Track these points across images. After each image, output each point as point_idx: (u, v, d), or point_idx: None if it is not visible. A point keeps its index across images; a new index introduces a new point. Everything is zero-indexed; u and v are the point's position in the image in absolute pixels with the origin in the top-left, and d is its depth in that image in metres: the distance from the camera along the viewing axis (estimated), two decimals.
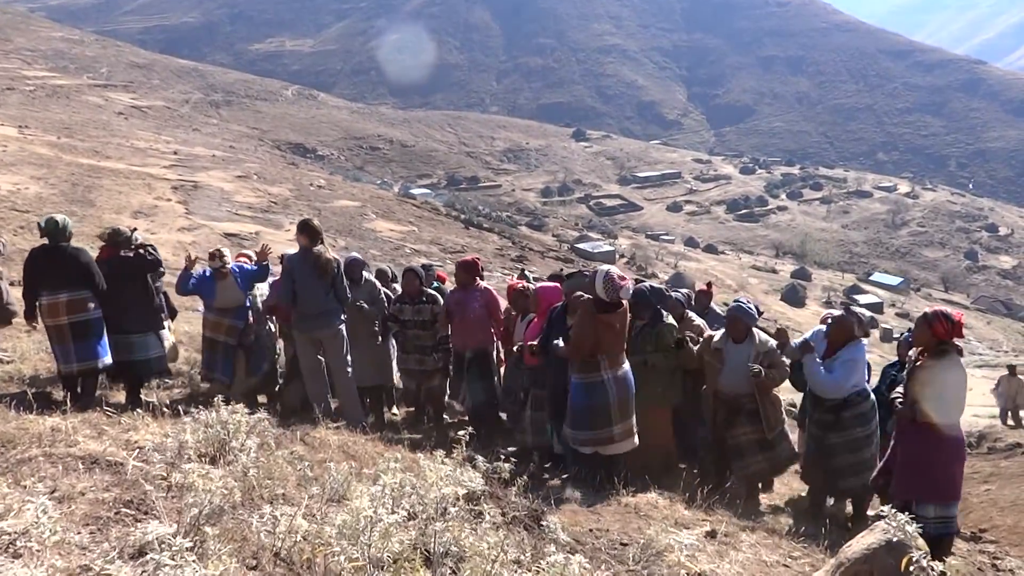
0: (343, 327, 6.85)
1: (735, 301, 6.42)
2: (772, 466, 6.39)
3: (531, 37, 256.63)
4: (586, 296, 5.68)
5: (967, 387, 5.02)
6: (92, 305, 6.28)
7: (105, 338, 6.41)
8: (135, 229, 7.20)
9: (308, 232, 6.70)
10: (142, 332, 6.70)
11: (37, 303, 6.29)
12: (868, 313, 6.03)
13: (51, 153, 39.63)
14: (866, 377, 6.14)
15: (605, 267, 5.82)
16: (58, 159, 38.07)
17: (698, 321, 7.08)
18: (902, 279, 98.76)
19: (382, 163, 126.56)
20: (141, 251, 6.83)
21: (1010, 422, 15.71)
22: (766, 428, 6.15)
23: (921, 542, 3.71)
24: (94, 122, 65.83)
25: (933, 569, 2.40)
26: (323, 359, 6.88)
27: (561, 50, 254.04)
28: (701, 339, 6.54)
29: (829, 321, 6.18)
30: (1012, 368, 16.96)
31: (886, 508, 2.91)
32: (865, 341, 5.91)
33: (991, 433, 14.37)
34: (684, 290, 8.00)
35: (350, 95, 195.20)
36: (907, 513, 3.02)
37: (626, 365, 5.79)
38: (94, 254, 6.71)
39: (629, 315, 5.91)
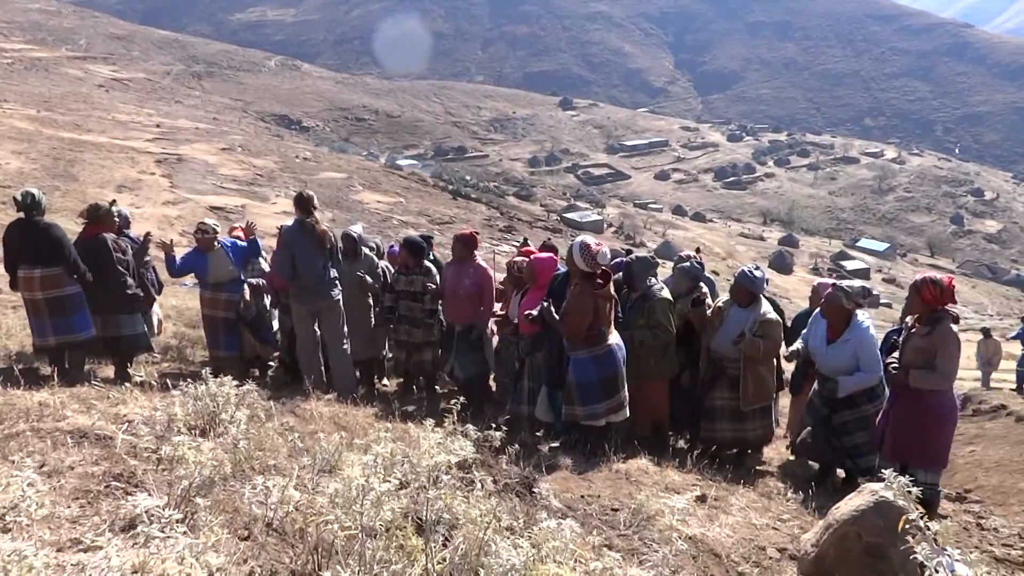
0: (340, 299, 6.87)
1: (743, 268, 6.36)
2: (737, 438, 6.32)
3: (516, 4, 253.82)
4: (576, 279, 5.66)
5: (960, 354, 5.01)
6: (67, 281, 6.19)
7: (86, 312, 6.34)
8: (113, 202, 7.09)
9: (299, 203, 6.78)
10: (110, 313, 6.61)
11: (18, 276, 6.26)
12: (858, 282, 5.79)
13: (31, 127, 39.08)
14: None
15: (579, 238, 5.79)
16: (38, 133, 37.54)
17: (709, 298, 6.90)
18: (888, 245, 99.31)
19: (368, 134, 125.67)
20: (110, 235, 6.67)
21: (984, 384, 15.88)
22: (741, 400, 6.13)
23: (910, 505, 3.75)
24: (74, 95, 64.86)
25: (929, 528, 2.42)
26: (318, 331, 6.90)
27: (546, 17, 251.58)
28: (711, 305, 6.47)
29: (821, 302, 6.05)
30: (987, 331, 17.21)
31: (886, 471, 2.92)
32: (862, 313, 5.67)
33: (976, 395, 14.55)
34: (687, 254, 7.72)
35: (334, 65, 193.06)
36: (905, 476, 3.03)
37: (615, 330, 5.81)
38: (78, 230, 6.64)
39: (621, 285, 5.88)
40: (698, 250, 8.31)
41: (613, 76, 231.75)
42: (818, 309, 6.01)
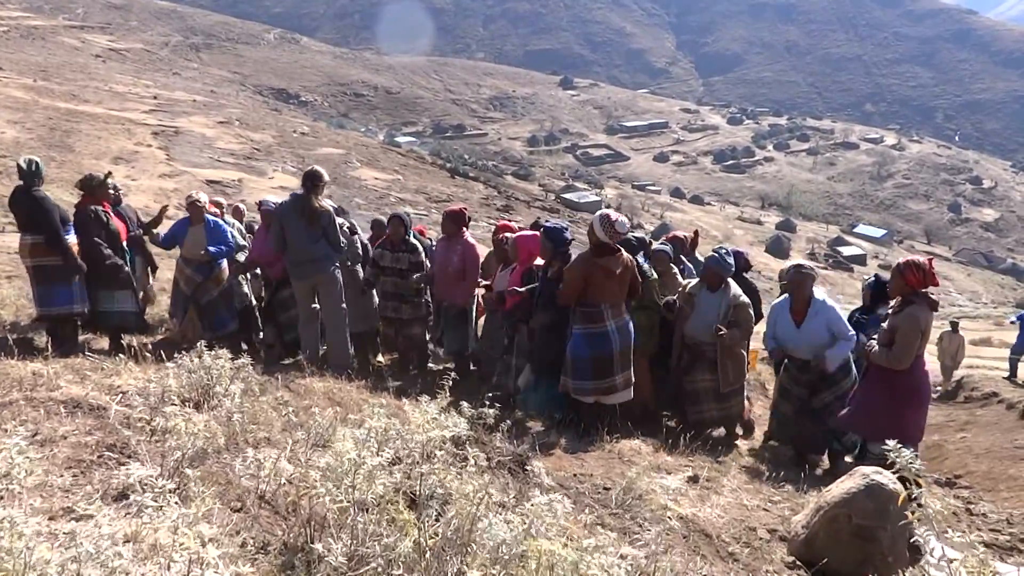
0: (338, 272, 6.87)
1: (714, 251, 6.42)
2: (723, 416, 6.46)
3: None
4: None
5: (920, 337, 5.04)
6: (51, 252, 6.16)
7: (69, 286, 6.29)
8: (109, 174, 7.04)
9: (303, 178, 6.79)
10: (96, 288, 6.57)
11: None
12: (800, 260, 6.10)
13: (27, 96, 38.72)
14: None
15: (600, 211, 5.91)
16: (35, 103, 37.22)
17: (680, 279, 6.99)
18: (885, 231, 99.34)
19: (366, 110, 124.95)
20: (98, 207, 6.64)
21: (945, 379, 15.22)
22: (721, 381, 6.24)
23: (894, 486, 3.76)
24: (71, 65, 64.30)
25: (929, 506, 2.43)
26: (317, 306, 6.92)
27: None
28: (679, 292, 6.52)
29: (784, 284, 6.25)
30: (955, 325, 16.66)
31: (891, 443, 2.94)
32: (818, 289, 5.99)
33: (968, 383, 14.57)
34: (670, 236, 7.88)
35: (333, 39, 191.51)
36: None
37: (627, 315, 5.82)
38: (75, 200, 6.62)
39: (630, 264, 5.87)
40: (696, 233, 8.31)
41: (614, 56, 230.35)
42: (776, 300, 6.15)
